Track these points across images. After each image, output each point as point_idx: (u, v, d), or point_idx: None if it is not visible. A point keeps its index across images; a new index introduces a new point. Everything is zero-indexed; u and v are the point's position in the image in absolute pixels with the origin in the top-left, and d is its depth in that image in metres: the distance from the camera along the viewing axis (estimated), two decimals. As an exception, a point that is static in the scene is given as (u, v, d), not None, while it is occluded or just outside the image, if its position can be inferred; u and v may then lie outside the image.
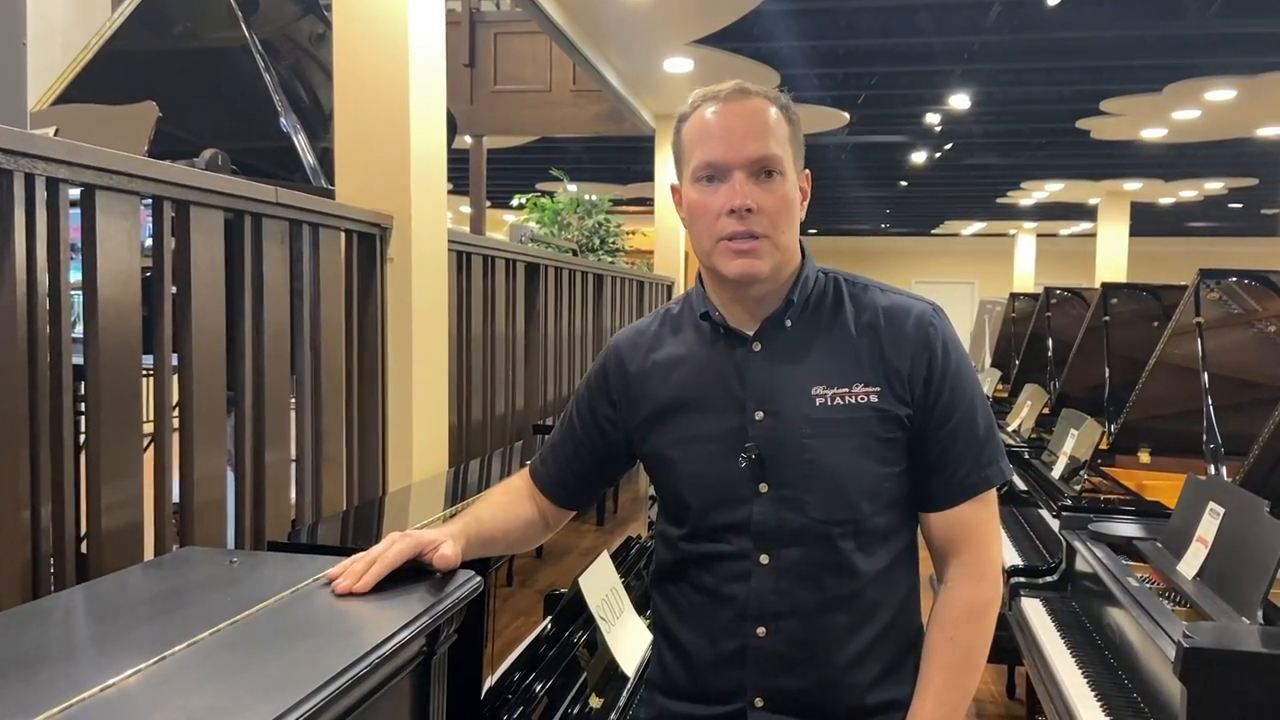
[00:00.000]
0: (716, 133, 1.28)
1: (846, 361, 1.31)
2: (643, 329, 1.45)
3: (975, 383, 1.36)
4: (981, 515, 1.34)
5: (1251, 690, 1.72)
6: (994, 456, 1.34)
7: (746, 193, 1.25)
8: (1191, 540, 2.22)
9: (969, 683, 1.31)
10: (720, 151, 1.27)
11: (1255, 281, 3.02)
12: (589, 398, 1.46)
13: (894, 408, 1.30)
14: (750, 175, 1.26)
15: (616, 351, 1.44)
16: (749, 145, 1.26)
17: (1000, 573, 1.37)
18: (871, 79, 8.75)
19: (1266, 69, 7.74)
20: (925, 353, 1.31)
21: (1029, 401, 4.65)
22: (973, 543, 1.33)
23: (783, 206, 1.28)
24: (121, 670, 0.95)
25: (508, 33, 8.44)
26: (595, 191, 11.06)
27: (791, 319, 1.33)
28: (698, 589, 1.36)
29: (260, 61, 3.44)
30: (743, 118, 1.27)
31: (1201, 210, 16.48)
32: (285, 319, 2.20)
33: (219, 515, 1.95)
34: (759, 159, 1.26)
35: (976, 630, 1.32)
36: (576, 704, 1.96)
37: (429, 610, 1.17)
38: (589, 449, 1.47)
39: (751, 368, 1.33)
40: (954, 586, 1.33)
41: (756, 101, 1.29)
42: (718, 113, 1.29)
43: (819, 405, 1.29)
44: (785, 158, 1.28)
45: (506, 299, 3.56)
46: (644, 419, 1.39)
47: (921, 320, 1.33)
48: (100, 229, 1.62)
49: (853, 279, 1.38)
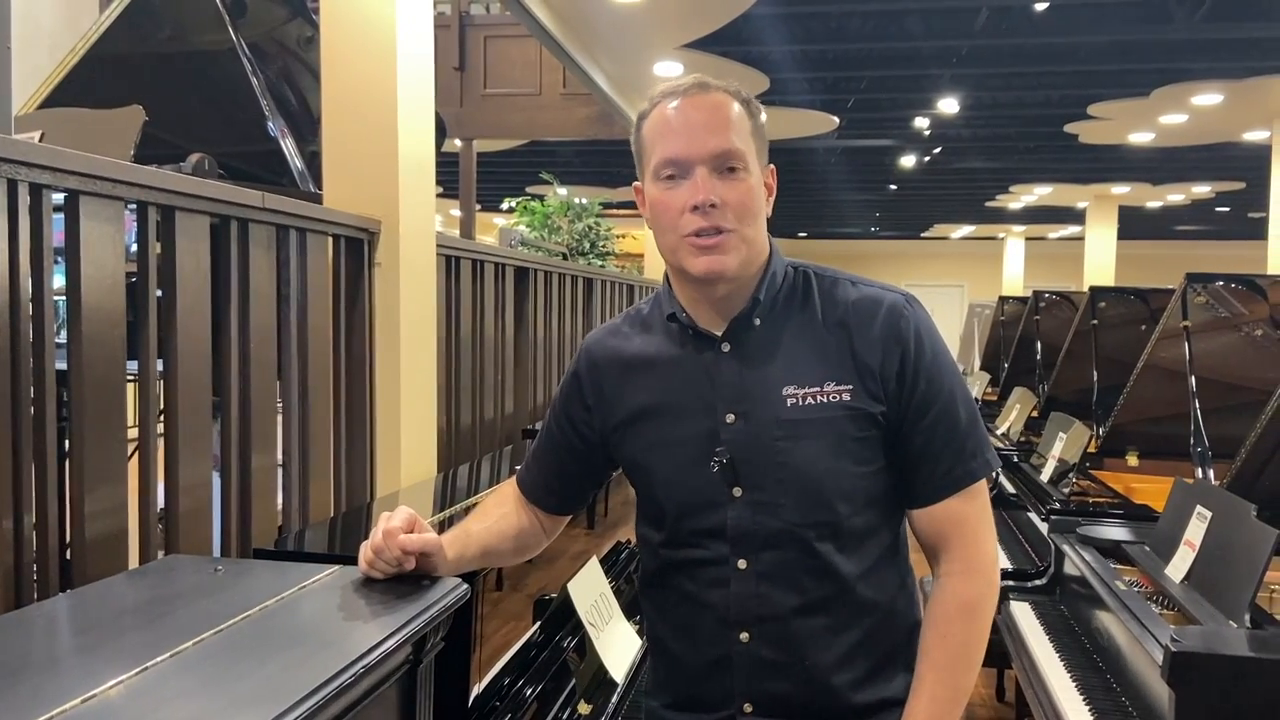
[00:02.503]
0: (677, 128, 1.25)
1: (817, 360, 1.28)
2: (613, 330, 1.43)
3: (954, 373, 1.32)
4: (969, 509, 1.30)
5: (1239, 694, 1.72)
6: (978, 448, 1.30)
7: (710, 188, 1.23)
8: (1179, 544, 2.22)
9: (964, 680, 1.28)
10: (681, 147, 1.24)
11: (1241, 285, 3.03)
12: (564, 403, 1.45)
13: (867, 405, 1.26)
14: (713, 170, 1.24)
15: (588, 354, 1.43)
16: (710, 140, 1.23)
17: (994, 566, 1.32)
18: (861, 83, 8.78)
19: (1253, 73, 7.78)
20: (898, 346, 1.27)
21: (1018, 404, 4.66)
22: (963, 538, 1.29)
23: (747, 201, 1.25)
24: (104, 681, 0.94)
25: (497, 36, 8.42)
26: (585, 195, 11.06)
27: (760, 317, 1.30)
28: (680, 596, 1.35)
29: (248, 65, 3.43)
30: (704, 112, 1.25)
31: (1189, 214, 16.58)
32: (272, 324, 2.19)
33: (204, 522, 1.94)
34: (721, 153, 1.23)
35: (970, 627, 1.28)
36: (565, 709, 1.95)
37: (415, 618, 1.16)
38: (570, 454, 1.45)
39: (721, 370, 1.30)
40: (945, 583, 1.30)
41: (717, 95, 1.26)
42: (678, 108, 1.26)
43: (790, 406, 1.26)
44: (748, 152, 1.25)
45: (496, 303, 3.55)
46: (617, 423, 1.38)
47: (893, 312, 1.29)
48: (84, 234, 1.60)
49: (823, 272, 1.35)
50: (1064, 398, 4.33)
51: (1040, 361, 5.08)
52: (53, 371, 1.57)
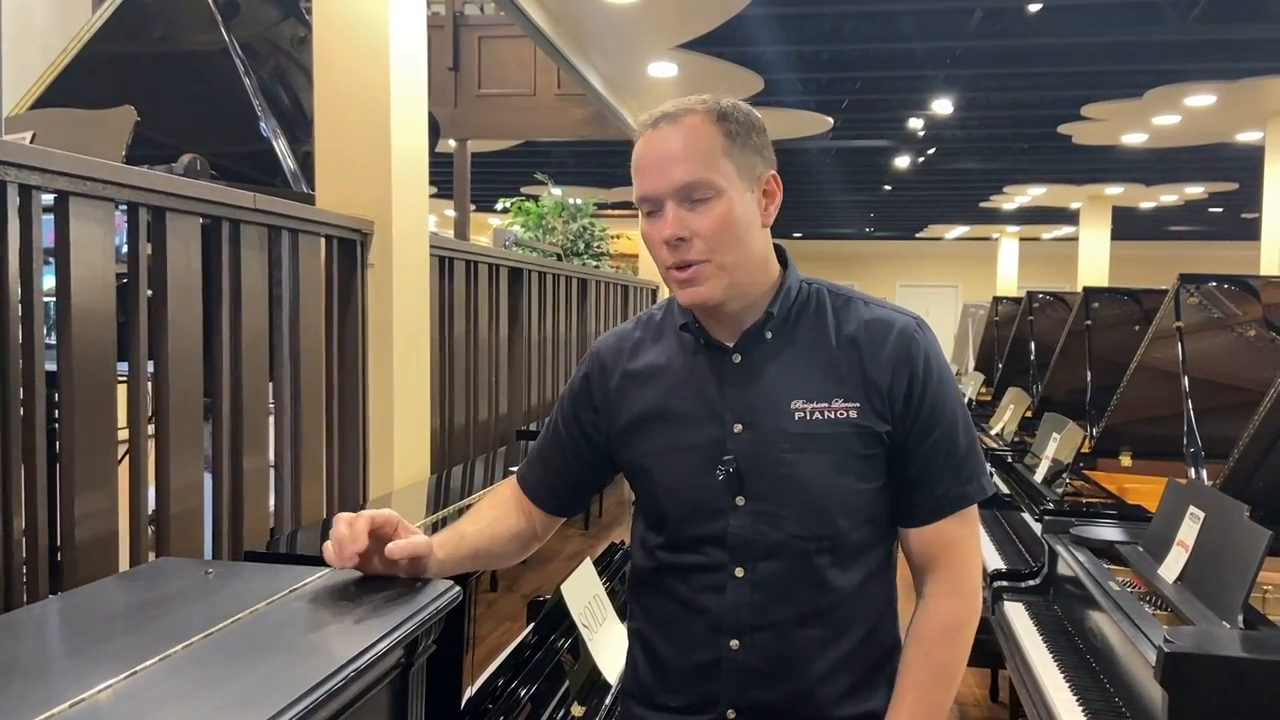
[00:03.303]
0: (645, 164, 1.27)
1: (827, 376, 1.30)
2: (624, 334, 1.44)
3: (957, 399, 1.35)
4: (961, 532, 1.33)
5: (1232, 694, 1.72)
6: (974, 473, 1.33)
7: (678, 222, 1.24)
8: (1172, 544, 2.22)
9: (943, 699, 1.31)
10: (650, 184, 1.26)
11: (1234, 286, 3.04)
12: (572, 403, 1.45)
13: (873, 424, 1.29)
14: (681, 202, 1.24)
15: (599, 357, 1.43)
16: (673, 172, 1.24)
17: (979, 589, 1.36)
18: (855, 83, 8.79)
19: (1246, 74, 7.80)
20: (906, 368, 1.29)
21: (1011, 405, 4.67)
22: (952, 559, 1.32)
23: (719, 228, 1.24)
24: (93, 685, 0.93)
25: (492, 36, 8.41)
26: (580, 195, 11.05)
27: (772, 331, 1.32)
28: (673, 599, 1.36)
29: (240, 65, 3.42)
30: (670, 143, 1.25)
31: (1182, 215, 16.62)
32: (264, 325, 2.18)
33: (196, 525, 1.93)
34: (684, 185, 1.23)
35: (953, 647, 1.32)
36: (559, 711, 1.95)
37: (407, 621, 1.15)
38: (575, 455, 1.45)
39: (731, 380, 1.32)
40: (932, 603, 1.33)
41: (684, 123, 1.25)
42: (646, 141, 1.27)
43: (798, 420, 1.28)
44: (720, 175, 1.24)
45: (490, 304, 3.54)
46: (623, 427, 1.38)
47: (904, 335, 1.31)
48: (74, 236, 1.59)
49: (837, 290, 1.37)
50: (1058, 398, 4.34)
51: (1034, 362, 5.10)
52: (43, 373, 1.56)
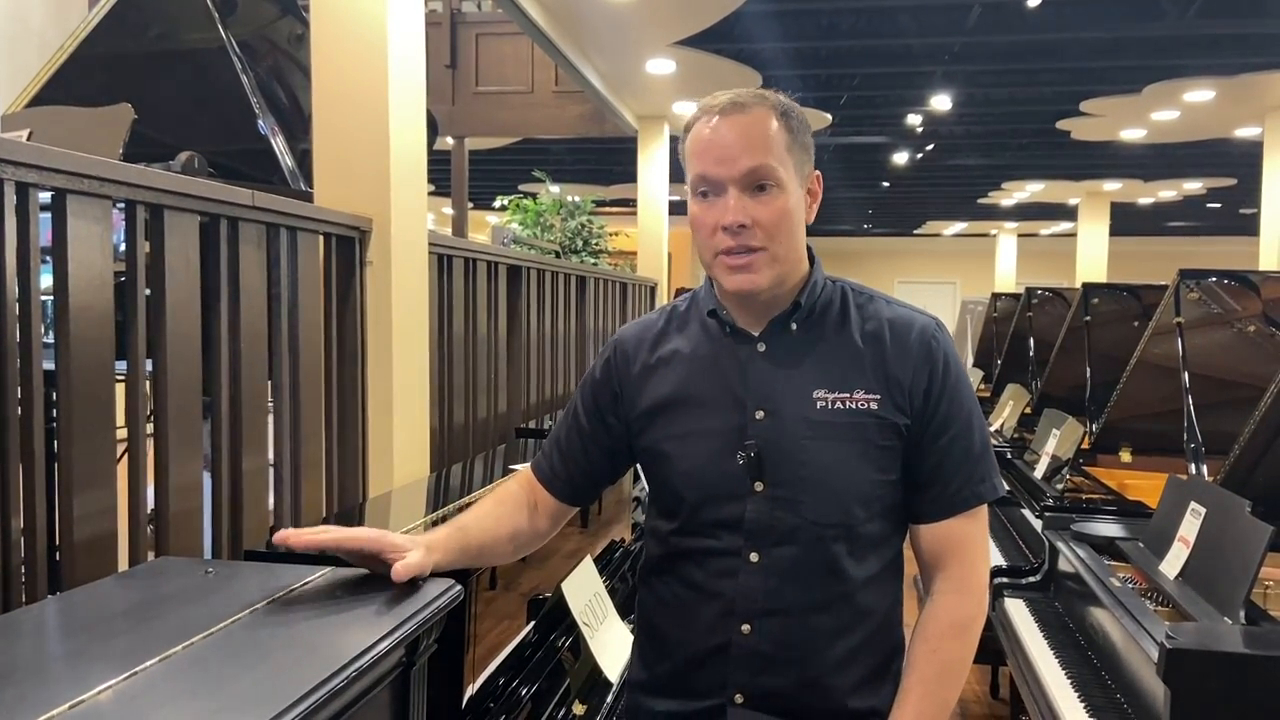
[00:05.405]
0: (710, 148, 1.29)
1: (849, 368, 1.32)
2: (648, 324, 1.46)
3: (973, 399, 1.38)
4: (971, 530, 1.35)
5: (1234, 690, 1.72)
6: (987, 473, 1.36)
7: (741, 208, 1.26)
8: (1173, 540, 2.22)
9: (949, 695, 1.32)
10: (713, 167, 1.28)
11: (1234, 281, 3.03)
12: (593, 390, 1.47)
13: (893, 416, 1.31)
14: (744, 189, 1.27)
15: (621, 344, 1.46)
16: (742, 160, 1.26)
17: (986, 588, 1.38)
18: (853, 80, 8.78)
19: (1245, 70, 7.80)
20: (927, 365, 1.33)
21: (1011, 401, 4.66)
22: (961, 557, 1.35)
23: (779, 219, 1.28)
24: (93, 686, 0.93)
25: (489, 34, 8.41)
26: (578, 193, 11.04)
27: (797, 322, 1.35)
28: (685, 584, 1.37)
29: (238, 63, 3.41)
30: (737, 131, 1.28)
31: (1181, 210, 16.62)
32: (262, 323, 2.18)
33: (195, 524, 1.92)
34: (751, 173, 1.27)
35: (959, 644, 1.33)
36: (560, 709, 1.95)
37: (408, 621, 1.15)
38: (594, 442, 1.47)
39: (754, 367, 1.34)
40: (940, 600, 1.34)
41: (753, 113, 1.29)
42: (714, 126, 1.29)
43: (819, 408, 1.31)
44: (783, 168, 1.28)
45: (489, 302, 3.53)
46: (644, 410, 1.40)
47: (925, 334, 1.35)
48: (71, 234, 1.59)
49: (859, 289, 1.41)
50: (1057, 394, 4.33)
51: (1033, 358, 5.09)
52: (40, 372, 1.55)
